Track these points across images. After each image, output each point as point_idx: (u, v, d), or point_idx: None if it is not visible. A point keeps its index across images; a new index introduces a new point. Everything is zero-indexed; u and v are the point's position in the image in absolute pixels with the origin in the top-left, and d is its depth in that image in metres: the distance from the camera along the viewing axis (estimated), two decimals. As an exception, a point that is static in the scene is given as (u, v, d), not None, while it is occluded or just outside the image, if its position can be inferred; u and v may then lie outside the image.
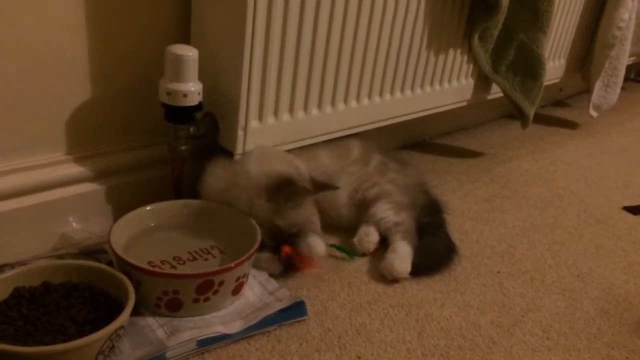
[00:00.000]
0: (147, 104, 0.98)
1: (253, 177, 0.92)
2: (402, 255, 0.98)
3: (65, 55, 0.87)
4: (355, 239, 1.04)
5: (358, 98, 1.14)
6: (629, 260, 1.13)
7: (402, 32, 1.15)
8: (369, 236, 1.04)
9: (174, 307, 0.79)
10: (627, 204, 1.38)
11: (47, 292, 0.75)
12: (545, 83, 1.51)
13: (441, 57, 1.28)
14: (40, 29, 0.83)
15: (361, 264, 1.00)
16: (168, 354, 0.72)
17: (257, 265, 0.90)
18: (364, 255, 1.03)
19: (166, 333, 0.76)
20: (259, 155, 0.96)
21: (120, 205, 0.95)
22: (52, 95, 0.88)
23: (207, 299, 0.80)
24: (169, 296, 0.78)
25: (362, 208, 1.08)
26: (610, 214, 1.32)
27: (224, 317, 0.81)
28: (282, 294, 0.87)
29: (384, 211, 1.05)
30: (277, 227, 0.91)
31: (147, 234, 0.90)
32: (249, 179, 0.92)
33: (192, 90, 0.90)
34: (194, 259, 0.87)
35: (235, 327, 0.79)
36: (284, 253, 0.92)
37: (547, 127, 1.92)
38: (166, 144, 0.97)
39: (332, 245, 1.02)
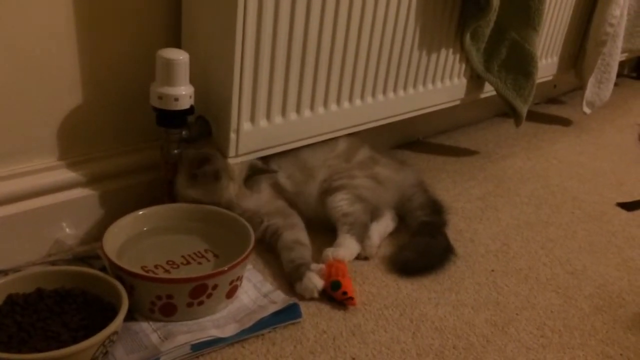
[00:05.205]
0: (138, 109, 0.98)
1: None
2: (346, 250, 0.99)
3: (56, 61, 0.87)
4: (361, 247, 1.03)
5: (350, 99, 1.14)
6: (623, 256, 1.14)
7: (394, 32, 1.15)
8: (371, 240, 1.04)
9: (168, 312, 0.79)
10: (621, 200, 1.39)
11: (41, 299, 0.75)
12: (538, 80, 1.52)
13: (433, 56, 1.28)
14: (30, 34, 0.83)
15: (354, 266, 1.00)
16: (162, 359, 0.72)
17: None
18: (366, 259, 1.03)
19: (160, 338, 0.76)
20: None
21: (113, 210, 0.95)
22: (43, 101, 0.88)
23: (201, 303, 0.80)
24: (163, 301, 0.78)
25: (324, 197, 1.07)
26: (604, 211, 1.33)
27: (218, 321, 0.81)
28: (276, 297, 0.87)
29: (339, 201, 1.05)
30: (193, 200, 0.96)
31: (140, 238, 0.90)
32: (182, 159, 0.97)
33: (183, 94, 0.90)
34: (188, 262, 0.86)
35: (229, 331, 0.79)
36: (339, 295, 0.90)
37: (540, 124, 1.92)
38: (158, 148, 0.97)
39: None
